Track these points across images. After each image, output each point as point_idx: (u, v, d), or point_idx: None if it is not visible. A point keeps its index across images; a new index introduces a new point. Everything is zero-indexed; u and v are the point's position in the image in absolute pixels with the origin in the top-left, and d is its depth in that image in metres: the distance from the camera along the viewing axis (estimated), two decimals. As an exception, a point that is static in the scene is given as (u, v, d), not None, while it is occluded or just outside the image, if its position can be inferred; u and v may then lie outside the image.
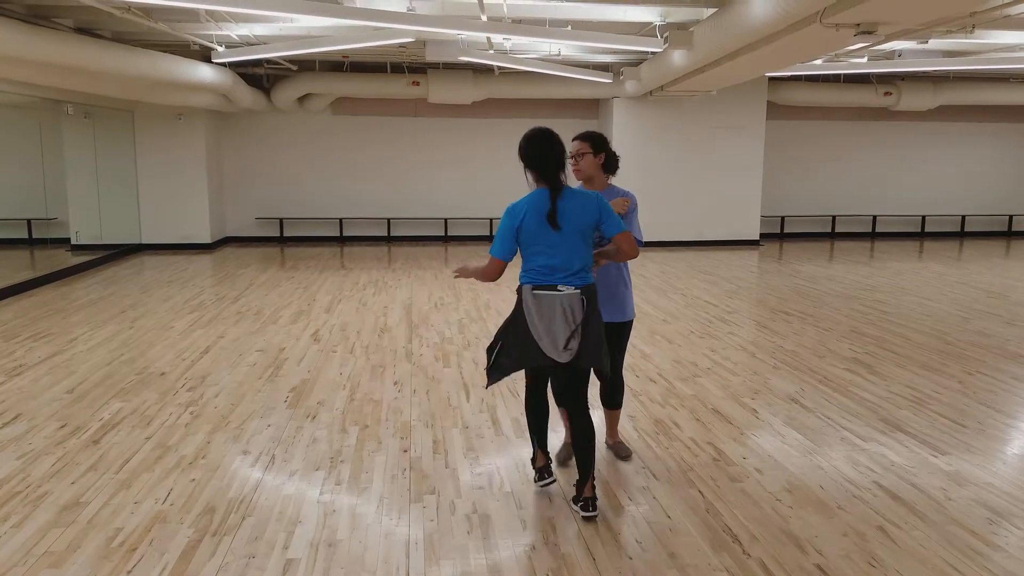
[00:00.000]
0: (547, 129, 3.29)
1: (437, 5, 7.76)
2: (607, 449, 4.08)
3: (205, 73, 10.01)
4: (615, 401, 4.00)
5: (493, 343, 3.42)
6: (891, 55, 10.26)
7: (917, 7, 5.78)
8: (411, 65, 12.33)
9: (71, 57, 7.64)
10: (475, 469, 3.87)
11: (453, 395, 5.08)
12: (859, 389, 5.24)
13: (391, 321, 7.35)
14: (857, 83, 13.64)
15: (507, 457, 4.02)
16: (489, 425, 4.50)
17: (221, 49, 9.21)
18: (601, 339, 3.31)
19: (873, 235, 15.18)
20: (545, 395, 3.56)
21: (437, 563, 2.98)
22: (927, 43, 9.06)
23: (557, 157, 3.25)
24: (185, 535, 3.18)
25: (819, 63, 10.23)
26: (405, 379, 5.45)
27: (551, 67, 10.58)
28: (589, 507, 3.32)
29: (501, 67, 11.85)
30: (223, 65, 10.51)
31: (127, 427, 4.45)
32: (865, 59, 10.45)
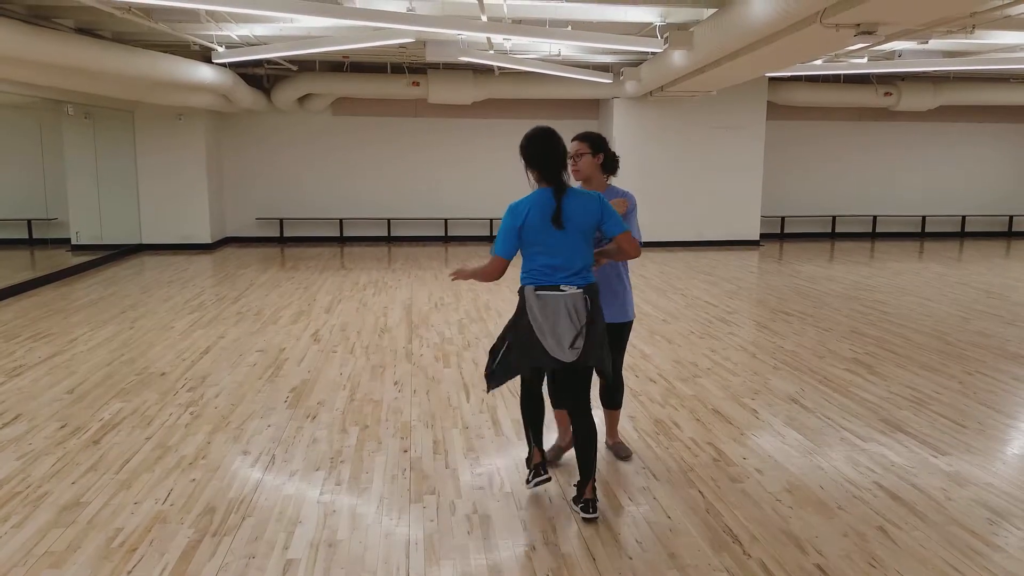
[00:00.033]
0: (549, 128, 3.29)
1: (437, 5, 7.76)
2: (607, 449, 4.08)
3: (205, 73, 10.02)
4: (615, 401, 4.01)
5: (497, 345, 3.39)
6: (891, 55, 10.26)
7: (917, 7, 5.79)
8: (411, 65, 12.33)
9: (72, 57, 7.65)
10: (475, 469, 3.87)
11: (453, 395, 5.08)
12: (859, 389, 5.24)
13: (391, 321, 7.35)
14: (857, 83, 13.64)
15: (507, 457, 4.02)
16: (489, 425, 4.51)
17: (221, 49, 9.22)
18: (604, 338, 3.31)
19: (873, 235, 15.18)
20: (541, 394, 3.56)
21: (437, 563, 2.98)
22: (927, 43, 9.05)
23: (560, 156, 3.25)
24: (185, 535, 3.18)
25: (819, 63, 10.23)
26: (405, 379, 5.45)
27: (551, 67, 10.58)
28: (590, 509, 3.32)
29: (501, 67, 11.86)
30: (223, 65, 10.51)
31: (127, 427, 4.45)
32: (865, 59, 10.45)
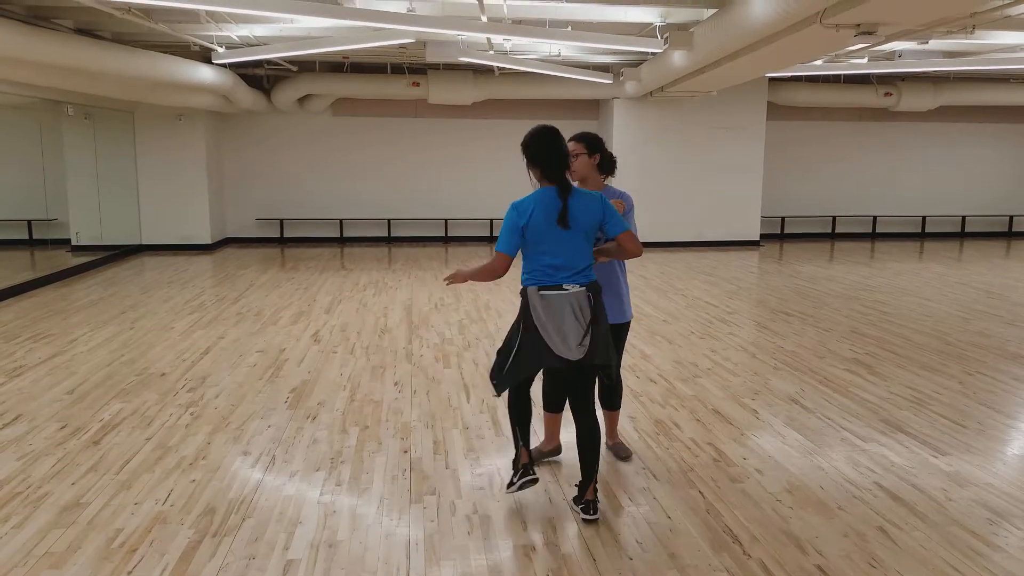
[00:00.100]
0: (552, 127, 3.29)
1: (437, 6, 7.76)
2: (607, 450, 4.08)
3: (205, 74, 10.02)
4: (614, 402, 4.01)
5: (505, 348, 3.37)
6: (891, 55, 10.26)
7: (917, 7, 5.78)
8: (411, 66, 12.34)
9: (71, 58, 7.65)
10: (475, 470, 3.87)
11: (453, 396, 5.08)
12: (859, 390, 5.24)
13: (391, 322, 7.35)
14: (857, 84, 13.64)
15: (507, 458, 4.01)
16: (489, 426, 4.51)
17: (221, 50, 9.22)
18: (609, 337, 3.32)
19: (873, 236, 15.18)
20: (529, 394, 3.54)
21: (437, 564, 2.98)
22: (927, 44, 9.06)
23: (563, 156, 3.25)
24: (185, 536, 3.18)
25: (819, 63, 10.23)
26: (405, 380, 5.45)
27: (551, 68, 10.58)
28: (590, 510, 3.32)
29: (501, 68, 11.86)
30: (223, 66, 10.52)
31: (127, 428, 4.45)
32: (865, 59, 10.45)
